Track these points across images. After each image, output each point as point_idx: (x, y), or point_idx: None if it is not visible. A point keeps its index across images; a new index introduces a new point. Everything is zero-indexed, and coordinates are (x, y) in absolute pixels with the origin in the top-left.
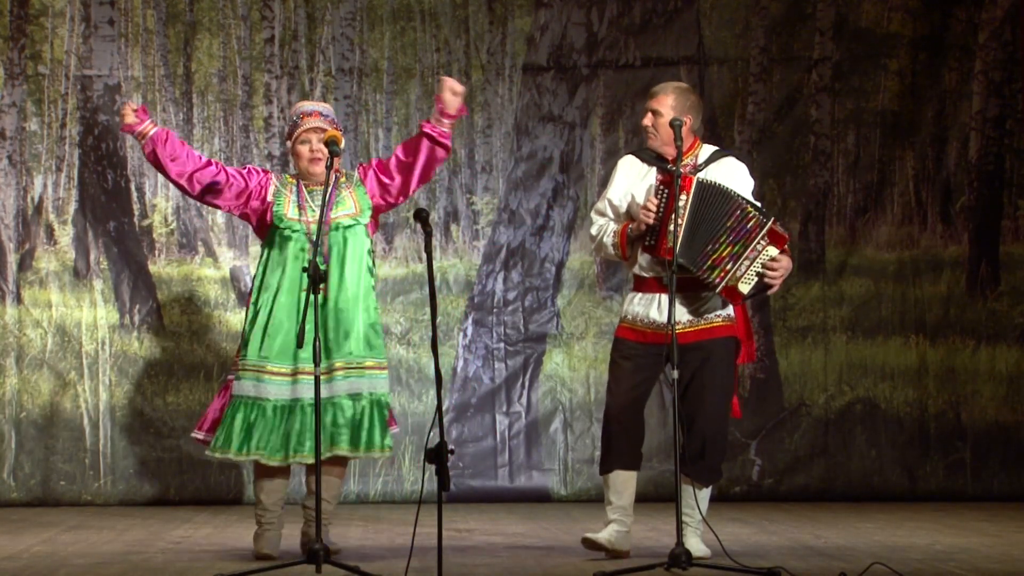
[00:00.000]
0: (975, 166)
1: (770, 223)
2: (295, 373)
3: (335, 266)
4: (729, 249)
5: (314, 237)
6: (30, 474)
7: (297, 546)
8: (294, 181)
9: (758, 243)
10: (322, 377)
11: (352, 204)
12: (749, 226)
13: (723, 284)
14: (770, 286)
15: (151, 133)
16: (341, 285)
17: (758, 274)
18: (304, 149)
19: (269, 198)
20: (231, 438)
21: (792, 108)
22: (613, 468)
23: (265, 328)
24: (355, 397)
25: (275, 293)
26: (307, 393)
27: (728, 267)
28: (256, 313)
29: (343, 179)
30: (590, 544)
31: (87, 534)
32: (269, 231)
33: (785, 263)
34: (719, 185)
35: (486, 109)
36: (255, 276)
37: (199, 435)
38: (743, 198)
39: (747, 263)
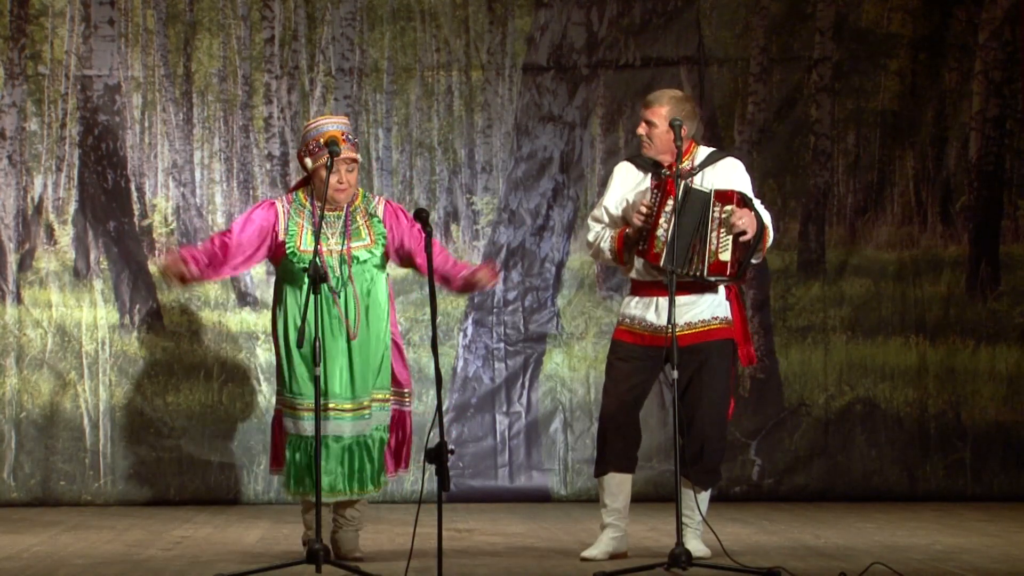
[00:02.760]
0: (975, 166)
1: (712, 191)
2: (324, 408)
3: (356, 302)
4: (697, 235)
5: (329, 266)
6: (30, 474)
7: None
8: (308, 204)
9: (712, 212)
10: (351, 415)
11: (367, 235)
12: (700, 206)
13: (706, 267)
14: (748, 244)
15: (194, 272)
16: (367, 322)
17: (731, 237)
18: (333, 179)
19: (281, 236)
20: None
21: (792, 108)
22: (608, 470)
23: (291, 364)
24: (377, 429)
25: (296, 327)
26: (336, 431)
27: (701, 249)
28: (283, 347)
29: (358, 202)
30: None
31: (87, 534)
32: (283, 262)
33: (740, 212)
34: (702, 190)
35: (486, 109)
36: (276, 307)
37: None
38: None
39: (714, 234)
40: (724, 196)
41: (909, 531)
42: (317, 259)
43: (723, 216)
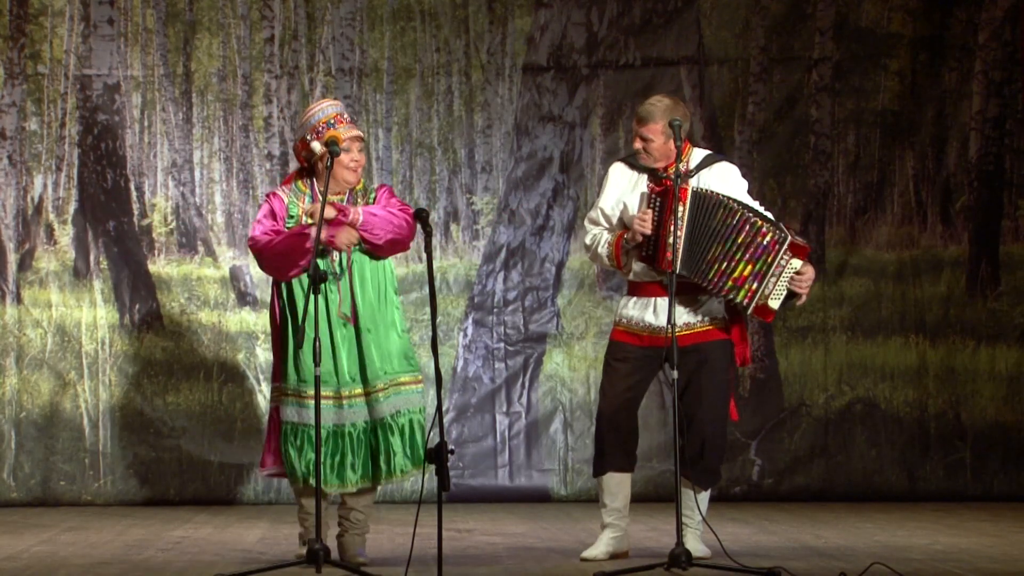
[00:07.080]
0: (975, 166)
1: (789, 237)
2: (338, 397)
3: (359, 286)
4: (750, 268)
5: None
6: (30, 474)
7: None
8: (307, 190)
9: (780, 258)
10: (362, 400)
11: None
12: (766, 242)
13: (754, 304)
14: (797, 295)
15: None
16: (373, 305)
17: (788, 289)
18: (346, 158)
19: (284, 220)
20: (295, 466)
21: (792, 108)
22: (606, 470)
23: (298, 353)
24: (395, 416)
25: (303, 314)
26: (351, 418)
27: (754, 287)
28: (287, 336)
29: (359, 187)
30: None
31: (87, 534)
32: None
33: (810, 273)
34: (716, 195)
35: (486, 109)
36: (279, 296)
37: (272, 470)
38: (748, 209)
39: (774, 280)
40: (799, 249)
41: (909, 531)
42: (317, 259)
43: (787, 266)
